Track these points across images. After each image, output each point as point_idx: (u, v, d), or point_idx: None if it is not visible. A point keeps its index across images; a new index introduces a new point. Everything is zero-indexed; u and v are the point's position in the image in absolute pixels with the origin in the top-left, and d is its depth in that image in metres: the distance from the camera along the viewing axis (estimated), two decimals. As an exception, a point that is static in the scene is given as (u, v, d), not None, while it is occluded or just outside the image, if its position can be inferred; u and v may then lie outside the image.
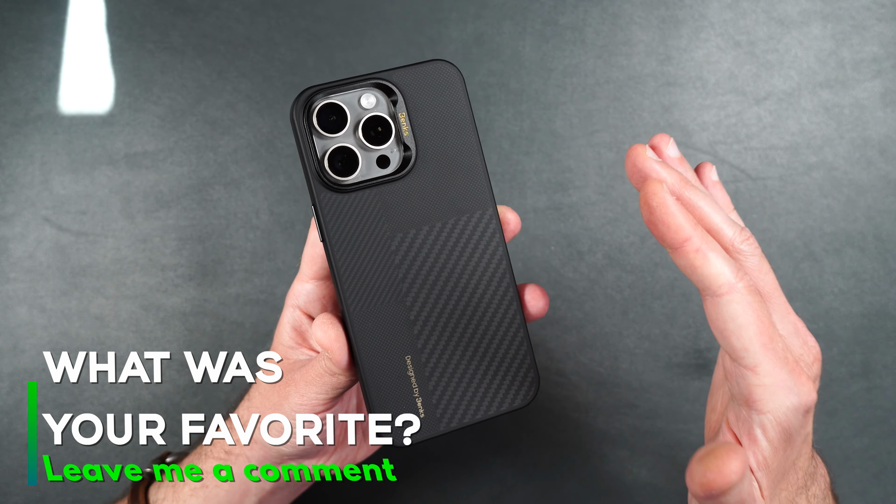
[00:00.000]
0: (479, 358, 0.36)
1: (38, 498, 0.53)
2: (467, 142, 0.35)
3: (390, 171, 0.35)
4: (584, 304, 0.56)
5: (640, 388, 0.55)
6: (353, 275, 0.35)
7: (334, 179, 0.34)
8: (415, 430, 0.36)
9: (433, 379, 0.36)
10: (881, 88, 0.57)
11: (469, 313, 0.36)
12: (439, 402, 0.36)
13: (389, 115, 0.35)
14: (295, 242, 0.55)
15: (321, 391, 0.37)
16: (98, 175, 0.55)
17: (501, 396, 0.37)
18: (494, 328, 0.36)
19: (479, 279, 0.36)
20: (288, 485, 0.44)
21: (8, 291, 0.54)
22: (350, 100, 0.35)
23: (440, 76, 0.35)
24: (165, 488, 0.43)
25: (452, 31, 0.57)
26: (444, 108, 0.35)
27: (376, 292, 0.35)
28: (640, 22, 0.58)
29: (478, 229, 0.36)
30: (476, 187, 0.36)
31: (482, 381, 0.36)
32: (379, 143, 0.35)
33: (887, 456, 0.55)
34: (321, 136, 0.34)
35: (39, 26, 0.56)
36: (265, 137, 0.56)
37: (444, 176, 0.35)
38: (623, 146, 0.57)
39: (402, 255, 0.35)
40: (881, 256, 0.56)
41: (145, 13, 0.56)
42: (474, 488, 0.55)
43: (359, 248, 0.35)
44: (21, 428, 0.54)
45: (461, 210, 0.36)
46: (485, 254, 0.36)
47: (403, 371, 0.36)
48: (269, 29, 0.57)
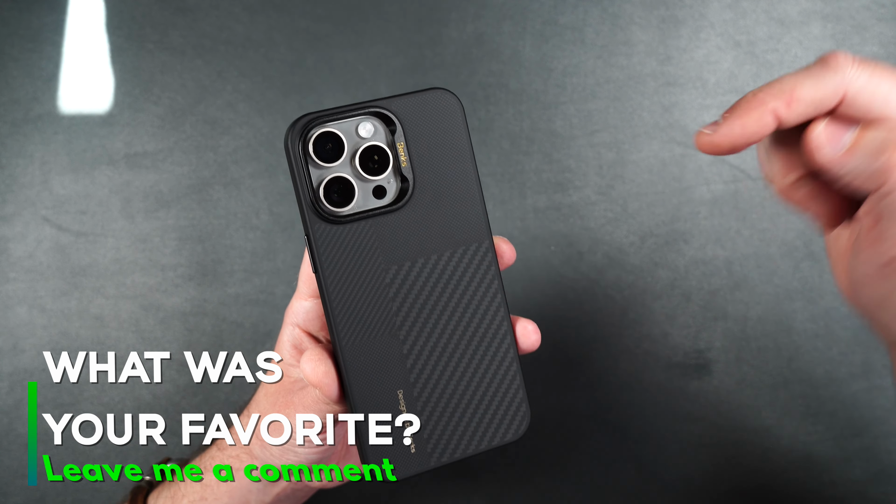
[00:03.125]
0: (471, 392, 0.36)
1: (38, 498, 0.53)
2: (465, 173, 0.35)
3: (387, 203, 0.34)
4: (584, 303, 0.56)
5: (640, 388, 0.55)
6: (346, 307, 0.34)
7: (329, 210, 0.34)
8: (405, 465, 0.36)
9: (424, 413, 0.36)
10: (881, 88, 0.57)
11: (462, 347, 0.36)
12: (430, 436, 0.36)
13: (387, 144, 0.34)
14: (295, 242, 0.55)
15: (318, 417, 0.38)
16: (98, 175, 0.55)
17: (493, 431, 0.36)
18: (487, 362, 0.36)
19: (474, 313, 0.36)
20: (289, 497, 0.44)
21: (8, 291, 0.54)
22: (347, 128, 0.34)
23: (440, 105, 0.35)
24: (164, 498, 0.43)
25: (452, 31, 0.57)
26: (442, 137, 0.35)
27: (369, 325, 0.35)
28: (640, 22, 0.58)
29: (473, 262, 0.36)
30: (472, 219, 0.35)
31: (474, 415, 0.36)
32: (376, 173, 0.34)
33: (887, 456, 0.55)
34: (317, 166, 0.34)
35: (39, 26, 0.56)
36: (265, 137, 0.56)
37: (440, 207, 0.35)
38: (623, 146, 0.57)
39: (397, 287, 0.35)
40: (881, 256, 0.56)
41: (145, 13, 0.56)
42: (474, 488, 0.55)
43: (352, 281, 0.34)
44: (21, 428, 0.54)
45: (457, 242, 0.35)
46: (479, 287, 0.36)
47: (395, 405, 0.35)
48: (269, 29, 0.57)
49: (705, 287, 0.56)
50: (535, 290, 0.56)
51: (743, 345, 0.56)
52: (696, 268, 0.56)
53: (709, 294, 0.56)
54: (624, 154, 0.57)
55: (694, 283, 0.56)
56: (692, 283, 0.56)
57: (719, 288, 0.56)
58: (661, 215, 0.56)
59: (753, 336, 0.56)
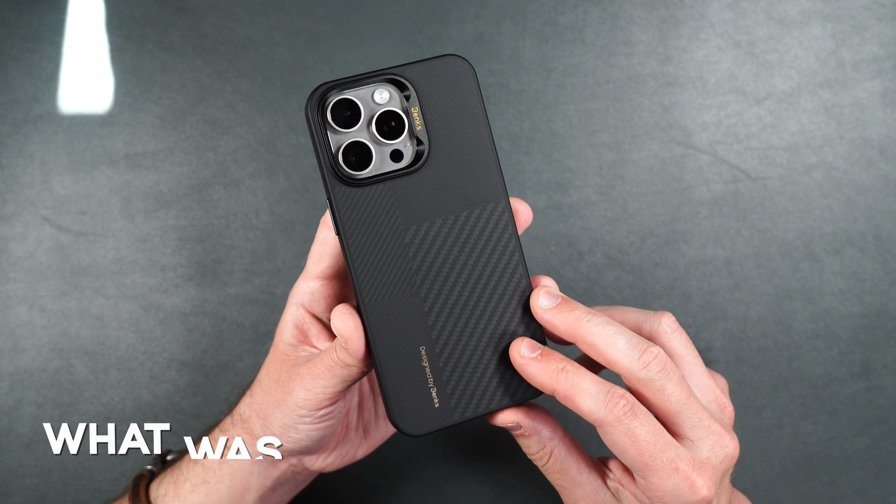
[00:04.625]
0: (492, 348, 0.36)
1: (38, 498, 0.53)
2: (479, 135, 0.36)
3: (403, 165, 0.36)
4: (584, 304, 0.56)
5: (640, 388, 0.55)
6: (368, 267, 0.35)
7: (348, 174, 0.35)
8: (429, 420, 0.36)
9: (447, 369, 0.36)
10: (881, 88, 0.57)
11: (482, 305, 0.36)
12: (454, 392, 0.36)
13: (402, 109, 0.35)
14: (295, 242, 0.55)
15: (329, 384, 0.37)
16: (98, 175, 0.55)
17: (514, 387, 0.37)
18: (508, 319, 0.37)
19: (493, 270, 0.36)
20: (289, 481, 0.44)
21: (8, 291, 0.54)
22: (363, 95, 0.35)
23: (452, 71, 0.36)
24: (167, 484, 0.43)
25: (452, 31, 0.57)
26: (456, 102, 0.36)
27: (391, 284, 0.36)
28: (640, 22, 0.58)
29: (491, 221, 0.36)
30: (488, 180, 0.36)
31: (496, 371, 0.37)
32: (392, 137, 0.35)
33: (887, 456, 0.55)
34: (335, 132, 0.35)
35: (39, 26, 0.56)
36: (265, 137, 0.56)
37: (456, 169, 0.36)
38: (623, 146, 0.57)
39: (416, 247, 0.36)
40: (881, 256, 0.56)
41: (145, 13, 0.56)
42: (474, 488, 0.55)
43: (373, 241, 0.35)
44: (21, 428, 0.54)
45: (474, 203, 0.36)
46: (497, 245, 0.36)
47: (418, 361, 0.36)
48: (269, 29, 0.57)
49: (705, 287, 0.56)
50: (535, 290, 0.56)
51: (743, 345, 0.56)
52: (696, 268, 0.56)
53: (709, 294, 0.56)
54: (624, 154, 0.57)
55: (694, 283, 0.56)
56: (692, 283, 0.56)
57: (719, 288, 0.56)
58: (661, 215, 0.56)
59: (753, 336, 0.56)
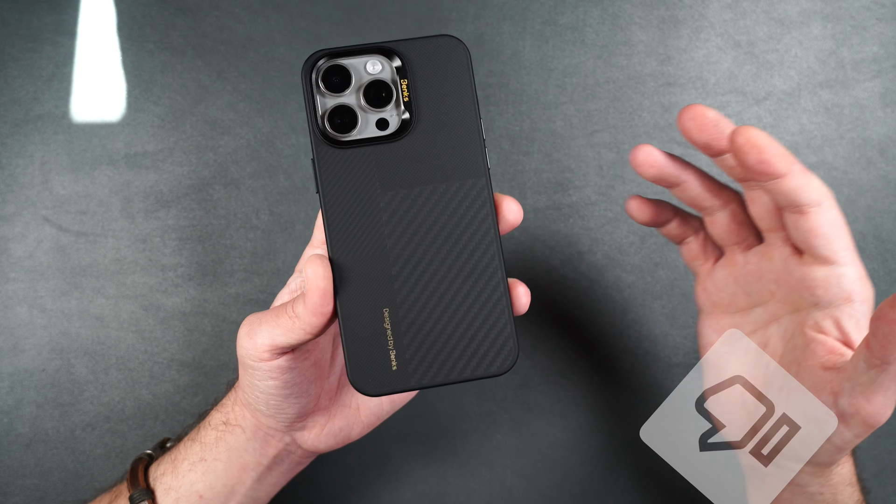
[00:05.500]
0: (457, 320, 0.37)
1: (38, 498, 0.53)
2: (466, 114, 0.37)
3: (387, 133, 0.37)
4: (585, 303, 0.56)
5: (640, 388, 0.55)
6: (341, 226, 0.36)
7: (332, 135, 0.37)
8: (384, 381, 0.36)
9: (409, 334, 0.36)
10: (881, 88, 0.57)
11: (451, 276, 0.37)
12: (413, 357, 0.36)
13: (391, 80, 0.37)
14: (295, 242, 0.55)
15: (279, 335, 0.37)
16: (98, 175, 0.55)
17: (477, 361, 0.37)
18: (476, 293, 0.37)
19: (465, 245, 0.37)
20: (284, 460, 0.44)
21: (8, 291, 0.54)
22: (356, 64, 0.37)
23: (447, 50, 0.37)
24: (165, 464, 0.43)
25: (452, 31, 0.57)
26: (447, 80, 0.37)
27: (361, 244, 0.36)
28: (640, 22, 0.58)
29: (468, 197, 0.37)
30: (470, 157, 0.37)
31: (458, 342, 0.37)
32: (379, 106, 0.37)
33: (887, 456, 0.55)
34: (324, 95, 0.37)
35: (39, 26, 0.56)
36: (265, 137, 0.56)
37: (440, 143, 0.37)
38: (623, 146, 0.57)
39: (391, 212, 0.37)
40: (881, 256, 0.56)
41: (145, 13, 0.56)
42: (474, 488, 0.55)
43: (349, 202, 0.37)
44: (21, 428, 0.54)
45: (453, 177, 0.37)
46: (473, 221, 0.37)
47: (380, 323, 0.36)
48: (269, 29, 0.57)
49: (705, 287, 0.56)
50: (535, 290, 0.56)
51: (743, 345, 0.56)
52: (696, 268, 0.56)
53: (709, 294, 0.56)
54: (624, 154, 0.57)
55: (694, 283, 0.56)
56: (692, 283, 0.56)
57: (719, 288, 0.56)
58: (661, 215, 0.56)
59: (753, 336, 0.56)
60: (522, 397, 0.55)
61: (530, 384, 0.56)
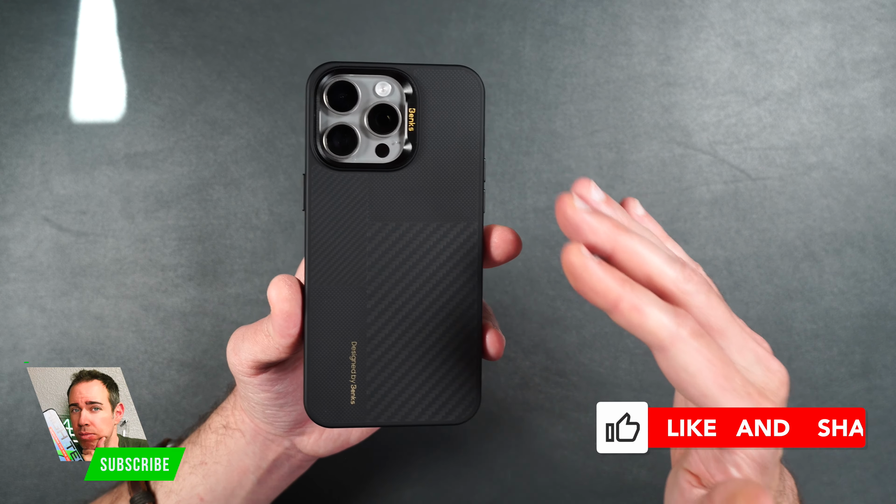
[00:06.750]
0: (424, 363, 0.36)
1: (38, 498, 0.53)
2: (471, 152, 0.35)
3: (385, 161, 0.35)
4: (584, 304, 0.56)
5: (640, 388, 0.55)
6: (323, 250, 0.35)
7: (328, 154, 0.35)
8: (339, 414, 0.36)
9: (373, 370, 0.36)
10: (881, 88, 0.57)
11: (426, 318, 0.36)
12: (373, 394, 0.36)
13: (399, 106, 0.35)
14: (295, 242, 0.55)
15: (258, 352, 0.37)
16: (98, 175, 0.55)
17: (437, 407, 0.36)
18: (448, 339, 0.36)
19: (446, 288, 0.36)
20: (283, 464, 0.44)
21: (8, 291, 0.54)
22: (366, 83, 0.35)
23: (462, 83, 0.35)
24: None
25: (452, 31, 0.57)
26: (457, 114, 0.35)
27: (340, 272, 0.35)
28: (640, 22, 0.58)
29: (458, 240, 0.36)
30: (467, 199, 0.35)
31: (422, 386, 0.36)
32: (383, 131, 0.35)
33: (887, 456, 0.55)
34: (327, 112, 0.35)
35: (39, 26, 0.56)
36: (265, 137, 0.56)
37: (438, 180, 0.35)
38: (623, 146, 0.57)
39: (376, 244, 0.35)
40: (881, 256, 0.56)
41: (146, 13, 0.56)
42: (474, 488, 0.55)
43: (335, 227, 0.35)
44: (21, 428, 0.54)
45: (445, 217, 0.35)
46: (458, 265, 0.36)
47: (346, 355, 0.35)
48: (269, 29, 0.57)
49: (705, 287, 0.56)
50: (535, 290, 0.56)
51: (743, 345, 0.56)
52: (696, 268, 0.56)
53: (709, 294, 0.56)
54: (624, 154, 0.57)
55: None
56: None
57: (719, 288, 0.56)
58: (661, 215, 0.56)
59: (753, 336, 0.56)
60: (522, 397, 0.55)
61: (530, 384, 0.56)
